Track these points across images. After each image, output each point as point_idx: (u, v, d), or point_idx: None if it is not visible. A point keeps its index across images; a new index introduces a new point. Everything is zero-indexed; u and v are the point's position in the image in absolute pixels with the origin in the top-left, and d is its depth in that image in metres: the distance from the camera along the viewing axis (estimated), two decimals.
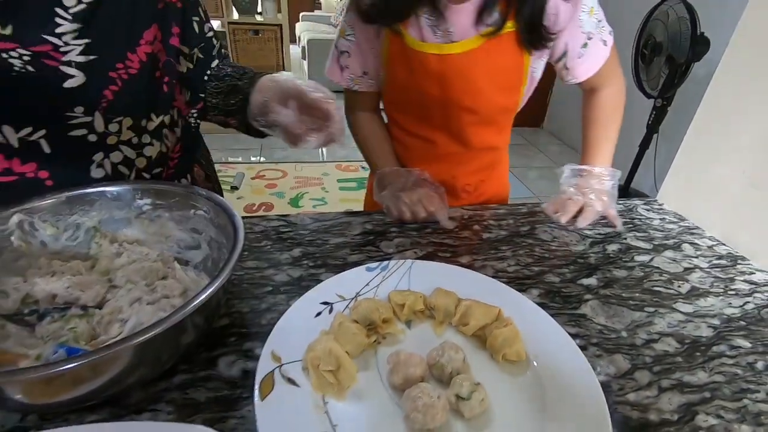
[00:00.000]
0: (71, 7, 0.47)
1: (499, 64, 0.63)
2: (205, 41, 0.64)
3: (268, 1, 2.90)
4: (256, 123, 0.55)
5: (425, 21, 0.61)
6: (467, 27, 0.61)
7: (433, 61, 0.62)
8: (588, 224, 0.66)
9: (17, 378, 0.27)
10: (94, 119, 0.51)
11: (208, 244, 0.49)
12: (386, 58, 0.65)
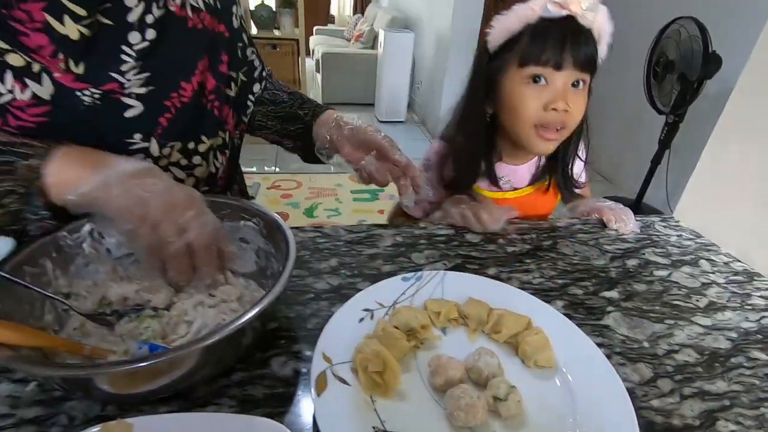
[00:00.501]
0: (135, 44, 0.51)
1: (548, 197, 0.87)
2: (247, 65, 0.69)
3: (285, 16, 2.99)
4: (320, 155, 0.61)
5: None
6: (524, 180, 0.84)
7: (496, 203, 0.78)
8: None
9: (117, 369, 0.30)
10: (150, 145, 0.55)
11: (257, 253, 0.53)
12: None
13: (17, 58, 0.45)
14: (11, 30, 0.44)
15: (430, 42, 3.60)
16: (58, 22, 0.45)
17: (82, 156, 0.42)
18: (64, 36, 0.46)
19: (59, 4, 0.45)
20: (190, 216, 0.42)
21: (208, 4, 0.59)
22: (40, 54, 0.46)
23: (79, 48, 0.47)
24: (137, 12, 0.50)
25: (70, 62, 0.47)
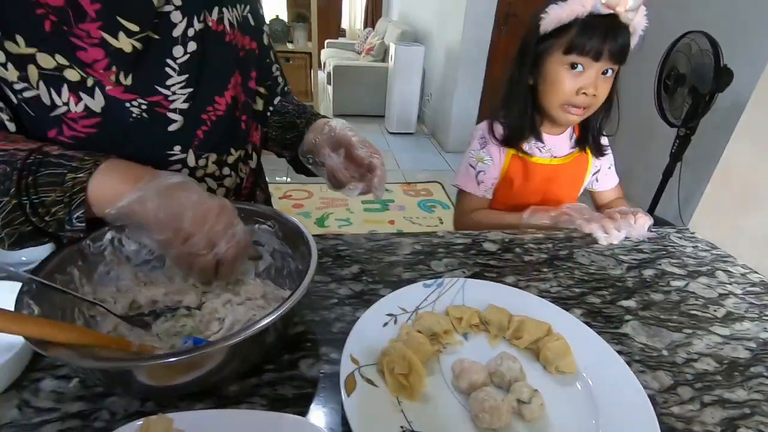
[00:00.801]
0: (179, 58, 0.54)
1: (580, 169, 1.00)
2: (271, 80, 0.72)
3: (299, 30, 3.06)
4: (304, 159, 0.62)
5: (534, 144, 0.93)
6: (563, 148, 0.95)
7: (541, 168, 0.93)
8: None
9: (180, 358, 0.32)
10: (187, 156, 0.58)
11: (271, 255, 0.55)
12: (505, 170, 0.95)
13: (74, 73, 0.48)
14: (71, 46, 0.47)
15: (440, 55, 3.65)
16: (113, 38, 0.48)
17: (123, 171, 0.44)
18: (118, 49, 0.49)
19: (115, 22, 0.48)
20: (220, 229, 0.44)
21: (241, 22, 0.62)
22: (95, 68, 0.49)
23: (131, 60, 0.50)
24: (181, 27, 0.53)
25: (121, 74, 0.50)
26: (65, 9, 0.46)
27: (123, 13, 0.48)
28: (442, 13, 3.61)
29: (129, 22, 0.49)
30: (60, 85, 0.48)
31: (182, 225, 0.42)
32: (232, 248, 0.45)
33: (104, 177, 0.43)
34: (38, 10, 0.45)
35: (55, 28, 0.46)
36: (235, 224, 0.46)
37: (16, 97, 0.47)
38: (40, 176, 0.42)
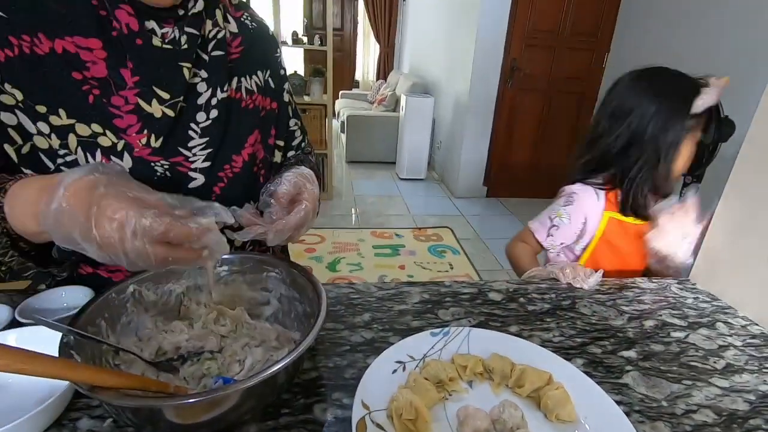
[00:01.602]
0: (201, 123, 0.61)
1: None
2: (288, 134, 0.79)
3: (315, 84, 3.25)
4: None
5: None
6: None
7: (636, 228, 0.94)
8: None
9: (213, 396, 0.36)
10: None
11: (278, 300, 0.59)
12: (602, 231, 0.96)
13: (106, 139, 0.55)
14: (108, 115, 0.55)
15: (449, 105, 3.81)
16: (147, 105, 0.56)
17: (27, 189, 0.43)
18: (150, 114, 0.56)
19: (150, 91, 0.56)
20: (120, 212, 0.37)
21: (261, 86, 0.70)
22: (128, 132, 0.56)
23: (160, 125, 0.57)
24: (206, 96, 0.61)
25: (152, 137, 0.57)
26: (108, 80, 0.54)
27: (159, 83, 0.56)
28: (451, 67, 3.82)
29: (162, 91, 0.56)
30: (94, 149, 0.55)
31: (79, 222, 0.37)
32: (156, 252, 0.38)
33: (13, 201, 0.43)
34: (84, 87, 0.53)
35: (96, 101, 0.54)
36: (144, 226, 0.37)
37: (54, 163, 0.54)
38: None
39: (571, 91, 3.39)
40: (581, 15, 3.17)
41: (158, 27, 0.54)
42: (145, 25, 0.53)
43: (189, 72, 0.58)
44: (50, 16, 0.51)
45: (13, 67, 0.50)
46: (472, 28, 3.22)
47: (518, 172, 3.64)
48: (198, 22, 0.58)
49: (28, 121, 0.52)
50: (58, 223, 0.37)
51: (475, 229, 3.09)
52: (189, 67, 0.58)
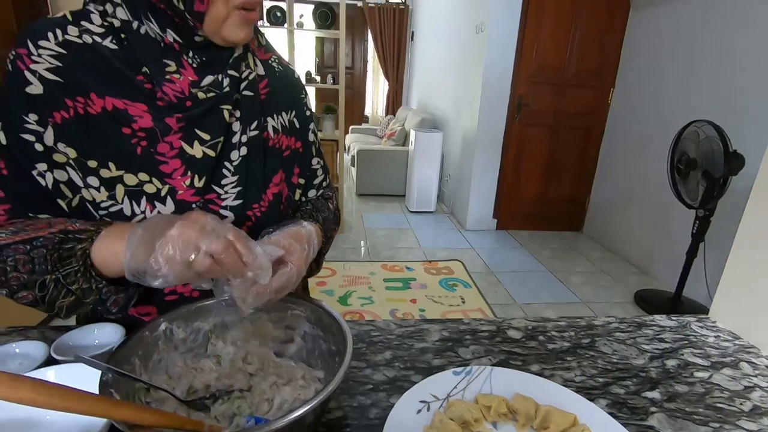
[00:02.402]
0: (234, 161, 0.65)
1: None
2: (311, 172, 0.81)
3: (327, 121, 3.36)
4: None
5: None
6: None
7: None
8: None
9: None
10: None
11: (302, 338, 0.60)
12: None
13: (152, 186, 0.58)
14: (154, 163, 0.58)
15: (457, 139, 3.89)
16: (189, 147, 0.59)
17: (116, 232, 0.49)
18: (192, 156, 0.59)
19: (192, 133, 0.59)
20: (194, 232, 0.43)
21: (286, 126, 0.73)
22: (173, 176, 0.59)
23: (201, 165, 0.60)
24: (238, 134, 0.64)
25: (195, 178, 0.60)
26: (154, 129, 0.57)
27: (200, 125, 0.59)
28: (459, 103, 3.92)
29: (203, 132, 0.60)
30: (140, 197, 0.58)
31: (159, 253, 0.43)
32: (216, 243, 0.44)
33: (102, 241, 0.49)
34: (133, 140, 0.57)
35: (143, 151, 0.57)
36: (209, 226, 0.45)
37: (98, 213, 0.57)
38: (62, 251, 0.49)
39: (577, 125, 3.46)
40: (585, 54, 3.27)
41: (212, 76, 0.59)
42: (203, 80, 0.58)
43: (228, 113, 0.61)
44: (100, 78, 0.55)
45: (68, 128, 0.54)
46: (479, 66, 3.34)
47: (527, 205, 3.66)
48: (238, 65, 0.62)
49: (77, 177, 0.55)
50: (140, 233, 0.44)
51: (485, 262, 3.08)
52: (229, 108, 0.61)
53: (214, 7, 0.53)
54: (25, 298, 0.52)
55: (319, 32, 3.39)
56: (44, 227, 0.52)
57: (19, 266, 0.50)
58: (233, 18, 0.55)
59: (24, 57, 0.53)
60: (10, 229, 0.52)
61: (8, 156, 0.54)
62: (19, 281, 0.51)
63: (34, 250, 0.50)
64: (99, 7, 0.55)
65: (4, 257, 0.51)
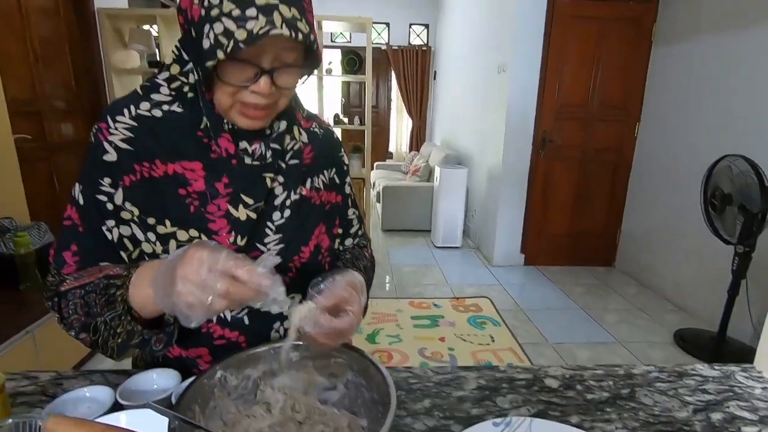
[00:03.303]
0: (276, 221, 0.69)
1: None
2: (347, 222, 0.86)
3: (354, 160, 3.47)
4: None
5: None
6: None
7: None
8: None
9: None
10: None
11: (345, 386, 0.62)
12: None
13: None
14: (204, 221, 0.64)
15: (482, 175, 3.93)
16: (234, 209, 0.65)
17: (144, 276, 0.54)
18: (237, 218, 0.65)
19: (238, 197, 0.65)
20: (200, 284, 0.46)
21: (327, 183, 0.79)
22: (219, 234, 0.65)
23: (244, 226, 0.66)
24: (281, 197, 0.70)
25: (238, 237, 0.66)
26: (205, 192, 0.64)
27: (245, 191, 0.65)
28: (483, 139, 3.99)
29: (248, 197, 0.66)
30: None
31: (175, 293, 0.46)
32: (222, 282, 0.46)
33: (135, 287, 0.54)
34: (187, 200, 0.63)
35: (196, 210, 0.64)
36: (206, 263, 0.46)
37: None
38: (107, 296, 0.55)
39: (604, 160, 3.44)
40: (608, 90, 3.31)
41: (249, 146, 0.65)
42: (239, 145, 0.64)
43: (270, 180, 0.68)
44: (164, 146, 0.63)
45: (135, 189, 0.62)
46: (502, 104, 3.41)
47: (556, 240, 3.61)
48: (281, 139, 0.69)
49: (139, 232, 0.63)
50: (160, 280, 0.48)
51: (514, 298, 3.03)
52: (271, 176, 0.67)
53: (218, 98, 0.60)
54: (85, 340, 0.60)
55: (346, 77, 3.56)
56: (96, 272, 0.59)
57: (78, 309, 0.58)
58: (236, 109, 0.60)
59: (104, 130, 0.62)
60: (74, 275, 0.60)
61: (84, 215, 0.62)
62: (79, 323, 0.59)
63: (87, 294, 0.57)
64: (165, 75, 0.64)
65: (68, 301, 0.59)
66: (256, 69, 0.56)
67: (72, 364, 1.94)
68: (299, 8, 0.55)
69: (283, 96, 0.62)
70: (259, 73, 0.56)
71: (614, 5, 3.17)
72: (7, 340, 1.58)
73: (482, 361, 2.26)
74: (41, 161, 2.50)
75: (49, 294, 0.62)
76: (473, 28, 4.40)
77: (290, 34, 0.52)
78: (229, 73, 0.56)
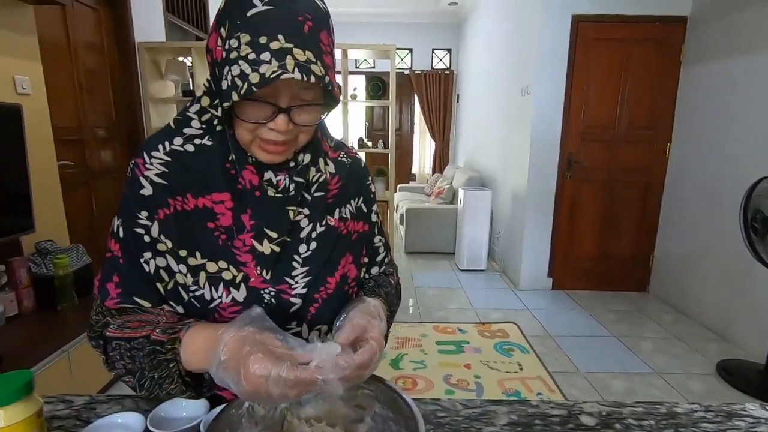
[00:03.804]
0: (303, 254, 0.69)
1: None
2: (373, 250, 0.85)
3: (378, 183, 3.51)
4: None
5: None
6: None
7: None
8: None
9: None
10: (302, 329, 0.69)
11: (372, 418, 0.61)
12: None
13: (229, 273, 0.65)
14: (232, 254, 0.65)
15: (507, 197, 3.89)
16: (259, 244, 0.66)
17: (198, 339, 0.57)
18: (261, 252, 0.66)
19: (262, 232, 0.66)
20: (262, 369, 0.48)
21: (354, 213, 0.79)
22: (247, 266, 0.66)
23: (270, 260, 0.67)
24: (307, 230, 0.70)
25: (263, 271, 0.66)
26: (231, 227, 0.65)
27: (269, 225, 0.66)
28: (507, 161, 3.96)
29: (271, 231, 0.66)
30: (218, 283, 0.65)
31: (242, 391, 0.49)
32: (288, 394, 0.48)
33: (186, 355, 0.56)
34: (215, 233, 0.65)
35: (223, 243, 0.65)
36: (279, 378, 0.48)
37: (187, 295, 0.65)
38: (154, 360, 0.57)
39: (634, 181, 3.36)
40: (635, 110, 3.25)
41: (274, 177, 0.66)
42: (264, 176, 0.66)
43: (294, 213, 0.68)
44: (195, 179, 0.65)
45: (168, 222, 0.64)
46: (526, 126, 3.40)
47: (585, 264, 3.51)
48: (305, 172, 0.69)
49: (173, 263, 0.64)
50: (219, 375, 0.51)
51: (542, 324, 2.93)
52: (294, 209, 0.68)
53: (239, 133, 0.62)
54: (128, 383, 0.62)
55: (370, 102, 3.63)
56: (138, 326, 0.61)
57: (125, 357, 0.60)
58: (256, 144, 0.62)
59: (140, 165, 0.64)
60: (117, 322, 0.63)
61: (124, 247, 0.64)
62: (124, 368, 0.61)
63: (132, 350, 0.60)
64: (196, 107, 0.66)
65: (112, 348, 0.61)
66: (274, 107, 0.57)
67: (103, 383, 1.98)
68: (315, 51, 0.56)
69: (303, 132, 0.63)
70: (277, 111, 0.57)
71: (639, 27, 3.15)
72: (45, 358, 1.63)
73: (510, 390, 2.18)
74: (81, 186, 2.62)
75: (94, 335, 0.64)
76: (496, 51, 4.45)
77: (302, 77, 0.53)
78: (248, 112, 0.58)
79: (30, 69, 2.02)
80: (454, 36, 6.58)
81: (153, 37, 3.21)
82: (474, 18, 5.55)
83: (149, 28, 3.17)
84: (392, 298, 0.81)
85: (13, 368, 1.64)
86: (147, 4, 3.16)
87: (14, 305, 1.85)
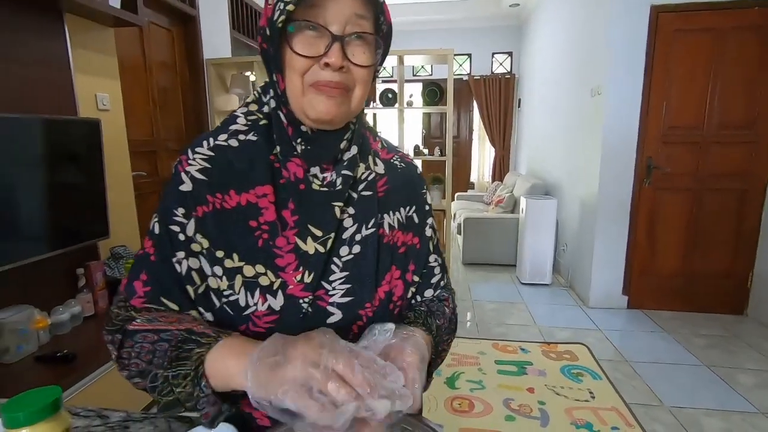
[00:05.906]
0: (344, 257, 0.63)
1: None
2: (427, 269, 0.75)
3: (435, 191, 3.40)
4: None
5: None
6: None
7: None
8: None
9: None
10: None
11: None
12: None
13: (266, 278, 0.59)
14: (272, 256, 0.59)
15: (574, 206, 3.60)
16: (303, 242, 0.60)
17: (235, 346, 0.51)
18: (305, 252, 0.60)
19: (306, 229, 0.60)
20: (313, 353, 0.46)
21: (403, 222, 0.70)
22: (286, 270, 0.60)
23: (312, 261, 0.60)
24: (351, 231, 0.63)
25: (305, 274, 0.60)
26: (276, 222, 0.59)
27: (313, 222, 0.60)
28: (574, 168, 3.68)
29: (316, 228, 0.60)
30: (254, 289, 0.59)
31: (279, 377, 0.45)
32: (335, 359, 0.45)
33: (219, 350, 0.51)
34: (256, 233, 0.60)
35: (264, 244, 0.59)
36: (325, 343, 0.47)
37: (219, 301, 0.59)
38: (180, 351, 0.51)
39: (727, 188, 2.95)
40: (729, 108, 2.87)
41: (320, 172, 0.61)
42: (310, 170, 0.61)
43: (340, 210, 0.62)
44: (239, 174, 0.61)
45: (206, 220, 0.59)
46: (596, 129, 3.13)
47: (667, 281, 3.13)
48: (353, 166, 0.63)
49: (207, 265, 0.60)
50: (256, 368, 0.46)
51: (616, 347, 2.64)
52: (340, 206, 0.62)
53: (290, 83, 0.58)
54: (138, 385, 0.57)
55: (427, 109, 3.55)
56: (174, 321, 0.56)
57: (142, 355, 0.55)
58: (308, 96, 0.57)
59: (183, 161, 0.62)
60: (146, 317, 0.57)
61: (157, 244, 0.60)
62: (137, 368, 0.56)
63: (159, 342, 0.54)
64: (243, 109, 0.64)
65: (134, 342, 0.56)
66: (327, 37, 0.55)
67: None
68: None
69: (357, 84, 0.59)
70: (330, 41, 0.55)
71: (732, 14, 2.78)
72: (104, 365, 1.69)
73: (581, 422, 1.96)
74: (153, 194, 2.80)
75: (112, 328, 0.59)
76: (561, 51, 4.18)
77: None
78: (300, 45, 0.55)
79: (110, 86, 2.18)
80: (514, 38, 6.33)
81: (219, 53, 3.38)
82: (537, 18, 5.29)
83: (216, 45, 3.35)
84: (443, 334, 0.70)
85: (83, 366, 1.70)
86: (215, 23, 3.34)
87: (91, 306, 1.98)
